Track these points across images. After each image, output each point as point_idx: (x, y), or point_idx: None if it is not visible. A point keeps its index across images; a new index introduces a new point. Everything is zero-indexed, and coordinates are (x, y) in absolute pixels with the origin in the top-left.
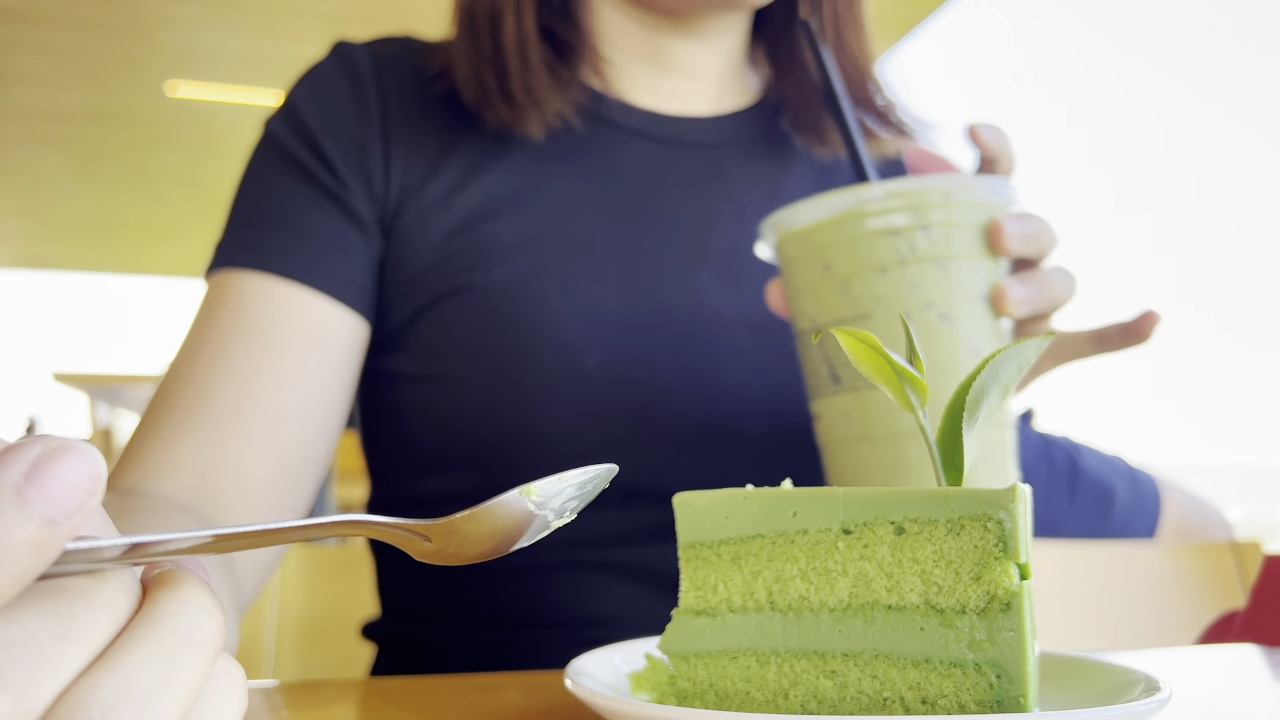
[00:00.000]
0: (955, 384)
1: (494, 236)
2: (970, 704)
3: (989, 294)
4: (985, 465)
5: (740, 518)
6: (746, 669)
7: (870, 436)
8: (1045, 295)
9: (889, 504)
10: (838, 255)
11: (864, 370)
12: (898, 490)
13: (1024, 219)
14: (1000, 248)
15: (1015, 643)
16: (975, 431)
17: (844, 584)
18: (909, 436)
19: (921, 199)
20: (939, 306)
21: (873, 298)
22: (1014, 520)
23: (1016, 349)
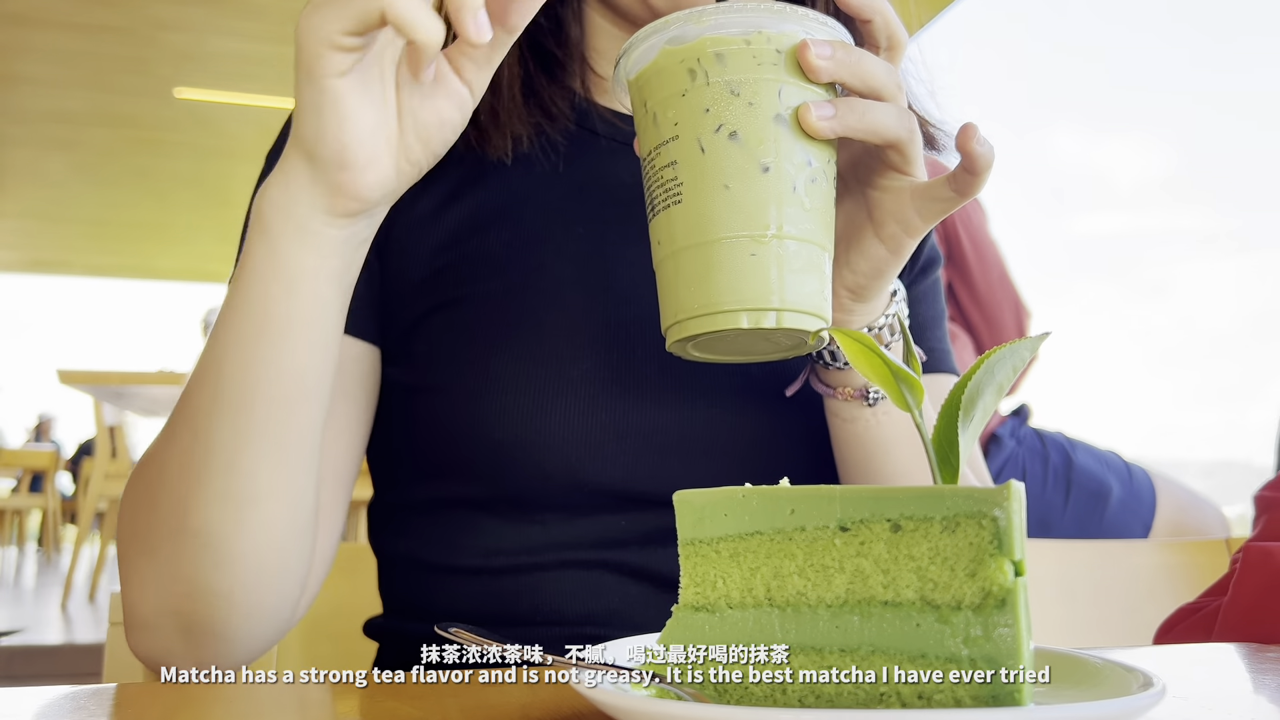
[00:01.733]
0: (743, 198)
1: (483, 249)
2: (966, 699)
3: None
4: None
5: (739, 515)
6: (745, 664)
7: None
8: (856, 117)
9: (886, 501)
10: (650, 89)
11: (860, 369)
12: (894, 489)
13: (834, 45)
14: (808, 69)
15: (1010, 638)
16: (971, 430)
17: (841, 580)
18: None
19: (719, 29)
20: (728, 126)
21: (672, 122)
22: (1008, 517)
23: (1012, 349)
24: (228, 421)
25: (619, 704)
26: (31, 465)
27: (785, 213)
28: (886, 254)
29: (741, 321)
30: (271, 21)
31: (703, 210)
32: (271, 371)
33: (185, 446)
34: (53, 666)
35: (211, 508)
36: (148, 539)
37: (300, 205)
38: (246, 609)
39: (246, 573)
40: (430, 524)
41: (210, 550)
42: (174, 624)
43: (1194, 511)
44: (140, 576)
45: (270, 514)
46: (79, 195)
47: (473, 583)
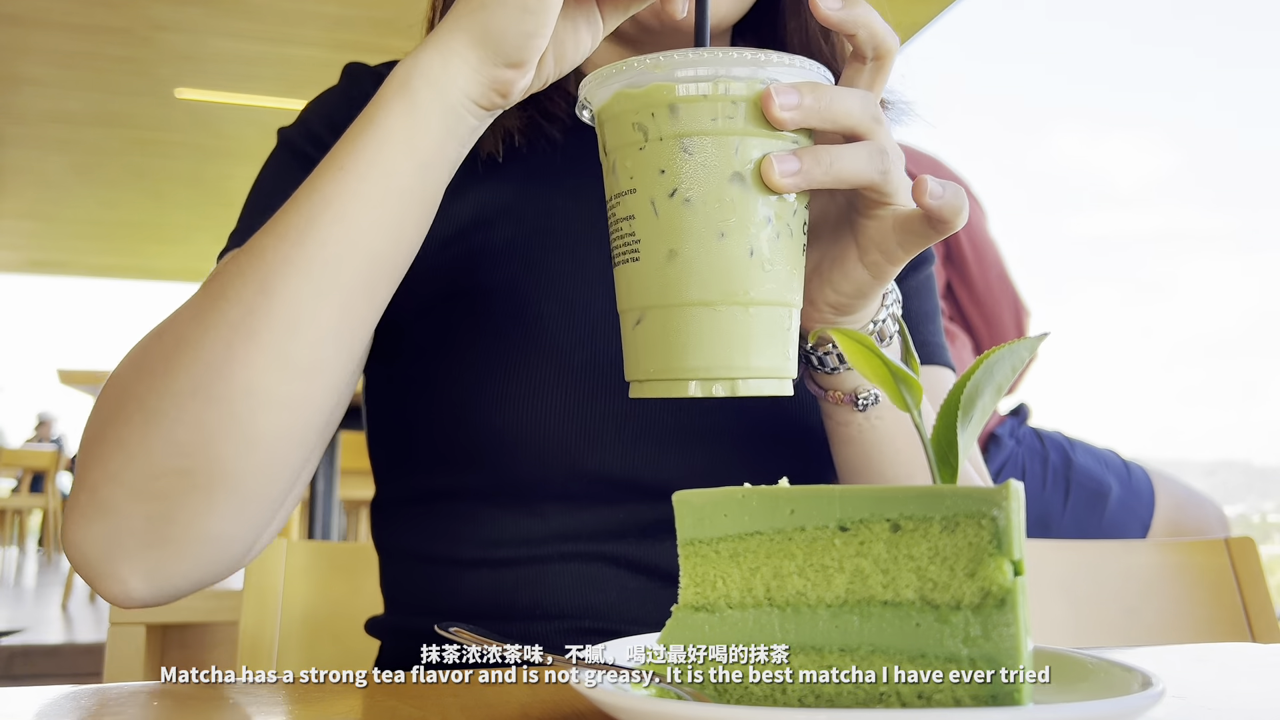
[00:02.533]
0: (697, 265)
1: (487, 244)
2: (966, 698)
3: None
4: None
5: (739, 515)
6: (745, 664)
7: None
8: (823, 170)
9: (885, 501)
10: (608, 133)
11: (859, 369)
12: (894, 488)
13: (802, 88)
14: (771, 119)
15: (1010, 638)
16: (970, 430)
17: (841, 580)
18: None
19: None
20: (682, 190)
21: (629, 175)
22: (1007, 517)
23: (1011, 349)
24: (311, 281)
25: (619, 704)
26: (32, 465)
27: (743, 279)
28: (869, 278)
29: (691, 390)
30: (271, 22)
31: (656, 273)
32: (375, 240)
33: (245, 304)
34: (53, 666)
35: (265, 372)
36: (155, 403)
37: (456, 88)
38: (241, 492)
39: (264, 448)
40: (432, 516)
41: (240, 416)
42: (146, 505)
43: (1193, 509)
44: (126, 447)
45: (315, 390)
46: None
47: (474, 575)
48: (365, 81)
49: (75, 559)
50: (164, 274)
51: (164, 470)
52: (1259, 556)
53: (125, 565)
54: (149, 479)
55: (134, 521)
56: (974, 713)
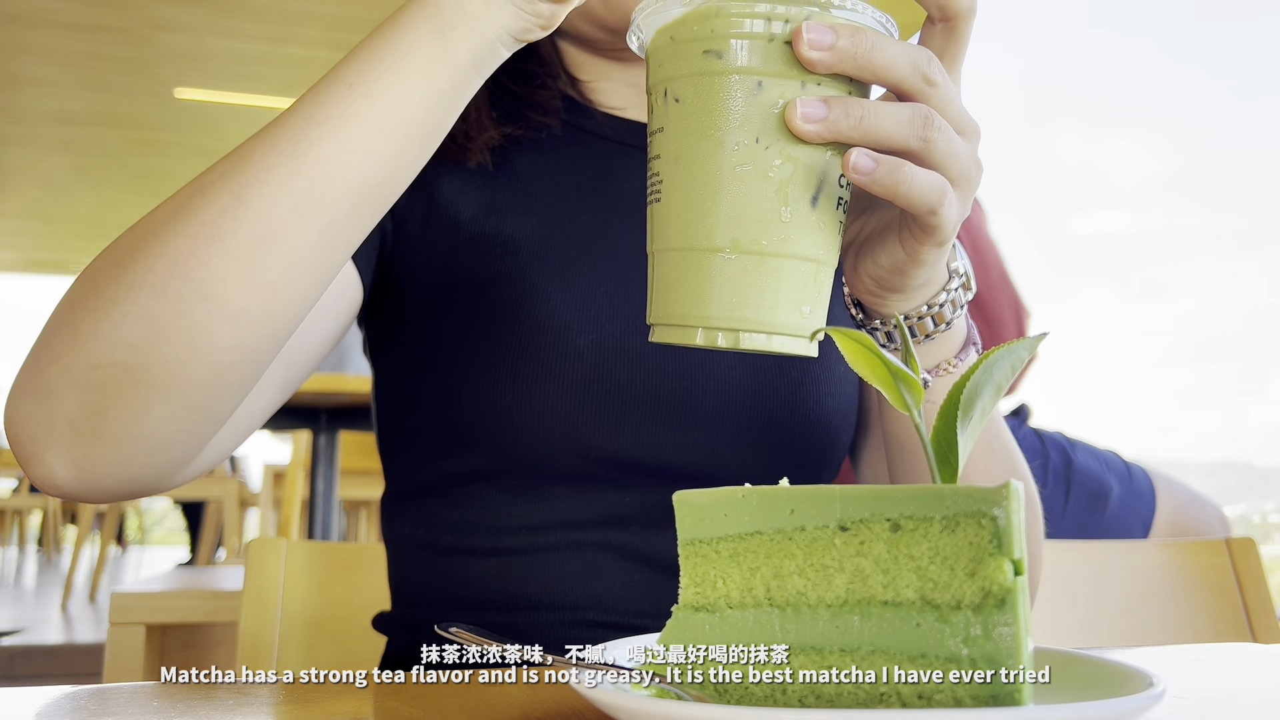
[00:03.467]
0: (714, 208)
1: (499, 231)
2: (966, 698)
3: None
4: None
5: (739, 515)
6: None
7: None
8: (852, 123)
9: (885, 501)
10: (650, 68)
11: (858, 370)
12: (894, 488)
13: (840, 29)
14: (801, 60)
15: (1011, 638)
16: (970, 430)
17: (841, 580)
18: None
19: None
20: (703, 131)
21: (661, 111)
22: (1008, 517)
23: (1010, 348)
24: (291, 196)
25: (619, 704)
26: None
27: (760, 227)
28: (904, 256)
29: (696, 338)
30: (271, 22)
31: (674, 215)
32: (370, 167)
33: (219, 205)
34: (53, 666)
35: (225, 279)
36: (113, 291)
37: (495, 23)
38: (180, 397)
39: (210, 357)
40: (441, 505)
41: (193, 319)
42: (83, 394)
43: (1194, 510)
44: (76, 332)
45: (275, 308)
46: (79, 195)
47: (482, 565)
48: None
49: (9, 436)
50: None
51: (107, 360)
52: (1260, 557)
53: (53, 451)
54: (91, 367)
55: (69, 407)
56: (974, 713)
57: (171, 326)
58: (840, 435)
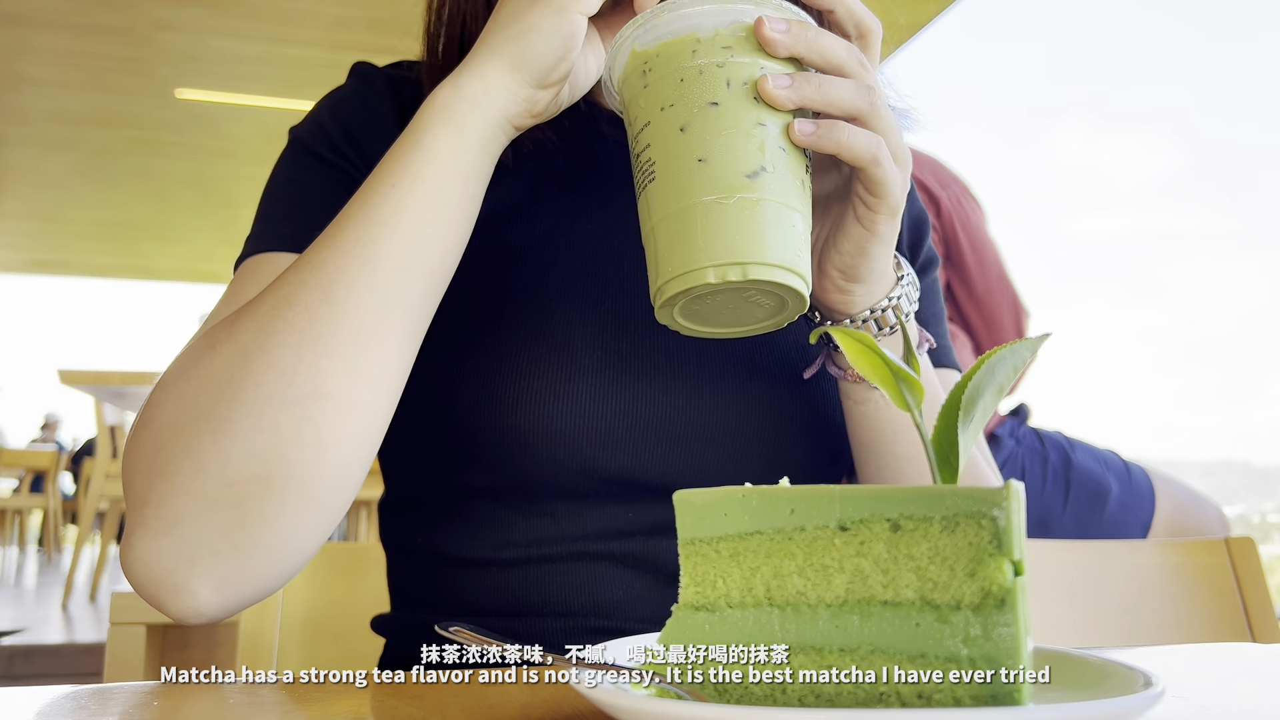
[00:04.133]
0: (707, 165)
1: (501, 242)
2: (965, 698)
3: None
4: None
5: (739, 515)
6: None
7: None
8: (813, 88)
9: (885, 501)
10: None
11: (859, 368)
12: (894, 488)
13: (790, 21)
14: (764, 42)
15: (1010, 638)
16: (971, 430)
17: (841, 580)
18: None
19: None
20: (691, 106)
21: (643, 108)
22: (1008, 517)
23: (1012, 349)
24: (375, 292)
25: (619, 704)
26: (33, 465)
27: (749, 176)
28: (864, 232)
29: (708, 277)
30: (271, 22)
31: (670, 183)
32: (429, 251)
33: (311, 312)
34: (54, 666)
35: (335, 376)
36: (226, 411)
37: (495, 109)
38: (314, 496)
39: (337, 452)
40: (441, 516)
41: (315, 420)
42: (220, 514)
43: (1193, 510)
44: (196, 457)
45: (382, 393)
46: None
47: (483, 575)
48: (377, 82)
49: (141, 576)
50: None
51: (240, 477)
52: (1259, 556)
53: (196, 578)
54: (223, 487)
55: (206, 531)
56: (974, 713)
57: (296, 431)
58: (846, 450)
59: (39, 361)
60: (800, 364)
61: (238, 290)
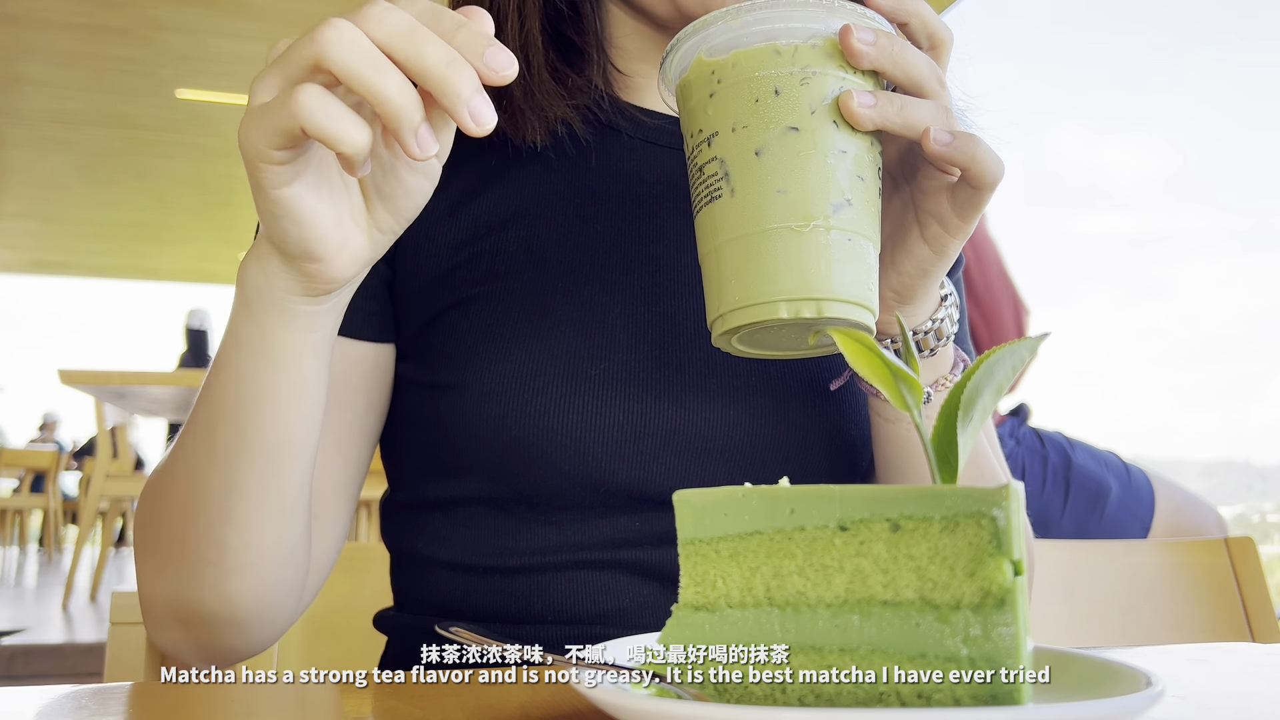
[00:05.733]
0: (783, 190)
1: (501, 247)
2: (965, 698)
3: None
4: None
5: (739, 515)
6: (745, 663)
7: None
8: (895, 109)
9: (885, 501)
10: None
11: (858, 369)
12: (894, 488)
13: (877, 33)
14: (849, 53)
15: (1010, 638)
16: (970, 430)
17: (841, 580)
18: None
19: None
20: (769, 120)
21: (712, 117)
22: (1008, 517)
23: (1011, 349)
24: (220, 476)
25: (619, 704)
26: (33, 465)
27: (825, 204)
28: (931, 255)
29: (780, 312)
30: (271, 22)
31: (743, 203)
32: (263, 436)
33: (182, 489)
34: (54, 666)
35: (209, 548)
36: (155, 553)
37: (278, 290)
38: (243, 621)
39: (242, 597)
40: (444, 522)
41: (208, 581)
42: (179, 624)
43: (1191, 513)
44: (149, 582)
45: (262, 556)
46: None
47: (486, 582)
48: None
49: (154, 644)
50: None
51: (176, 603)
52: (1259, 556)
53: (186, 652)
54: (170, 606)
55: (176, 628)
56: (974, 713)
57: (199, 585)
58: (860, 461)
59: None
60: (814, 375)
61: None
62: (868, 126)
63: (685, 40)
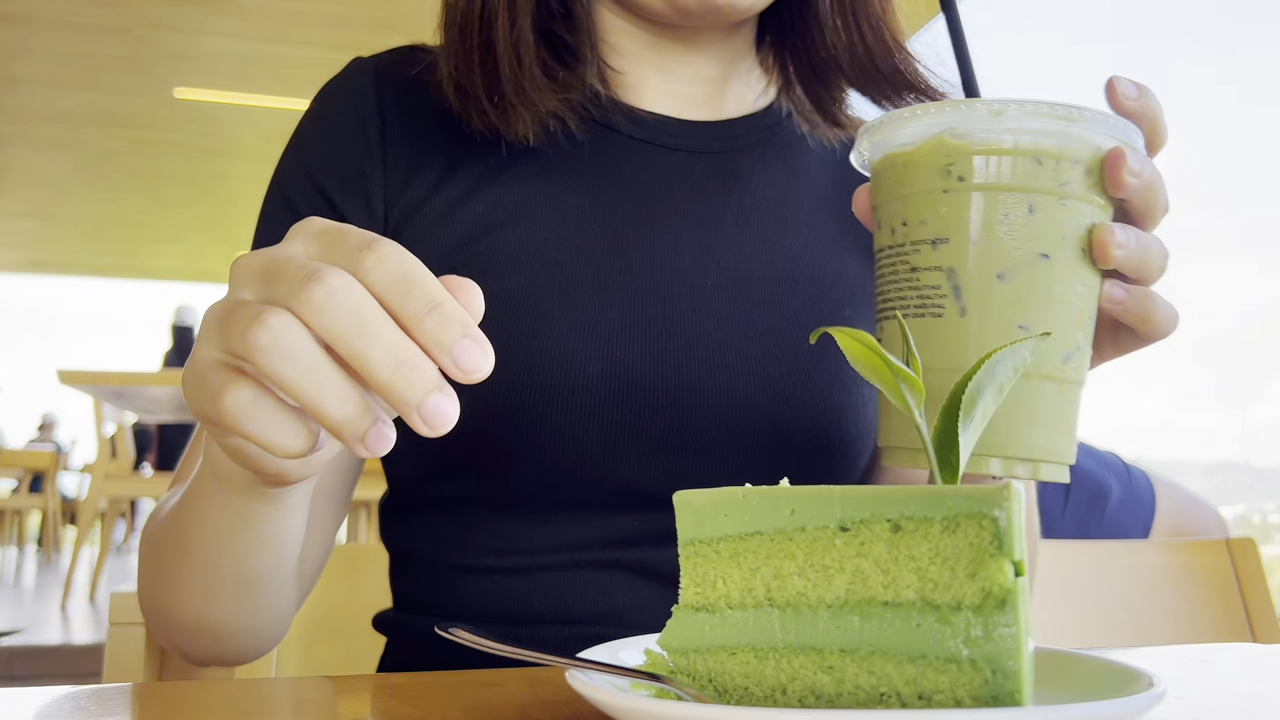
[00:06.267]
0: (1020, 323)
1: (498, 248)
2: (966, 699)
3: (1082, 238)
4: (1050, 423)
5: (739, 515)
6: (745, 664)
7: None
8: (1142, 251)
9: (885, 502)
10: (911, 175)
11: (859, 369)
12: (894, 489)
13: (1145, 160)
14: (1114, 183)
15: (1011, 639)
16: (971, 430)
17: (841, 580)
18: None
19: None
20: (1004, 250)
21: (942, 220)
22: (1009, 517)
23: (1012, 349)
24: (199, 584)
25: (619, 704)
26: (32, 465)
27: (1066, 346)
28: (1112, 353)
29: (993, 468)
30: (269, 21)
31: (975, 331)
32: (240, 567)
33: (161, 576)
34: (53, 666)
35: (185, 626)
36: (146, 598)
37: (242, 478)
38: (235, 646)
39: (231, 639)
40: (443, 522)
41: (191, 634)
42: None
43: (1192, 514)
44: (147, 613)
45: (252, 624)
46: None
47: (485, 582)
48: (362, 78)
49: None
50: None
51: (169, 635)
52: (1260, 557)
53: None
54: (166, 634)
55: (178, 643)
56: (975, 713)
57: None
58: (860, 461)
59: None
60: (812, 375)
61: None
62: (1111, 265)
63: (927, 112)
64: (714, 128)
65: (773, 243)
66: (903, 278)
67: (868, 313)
